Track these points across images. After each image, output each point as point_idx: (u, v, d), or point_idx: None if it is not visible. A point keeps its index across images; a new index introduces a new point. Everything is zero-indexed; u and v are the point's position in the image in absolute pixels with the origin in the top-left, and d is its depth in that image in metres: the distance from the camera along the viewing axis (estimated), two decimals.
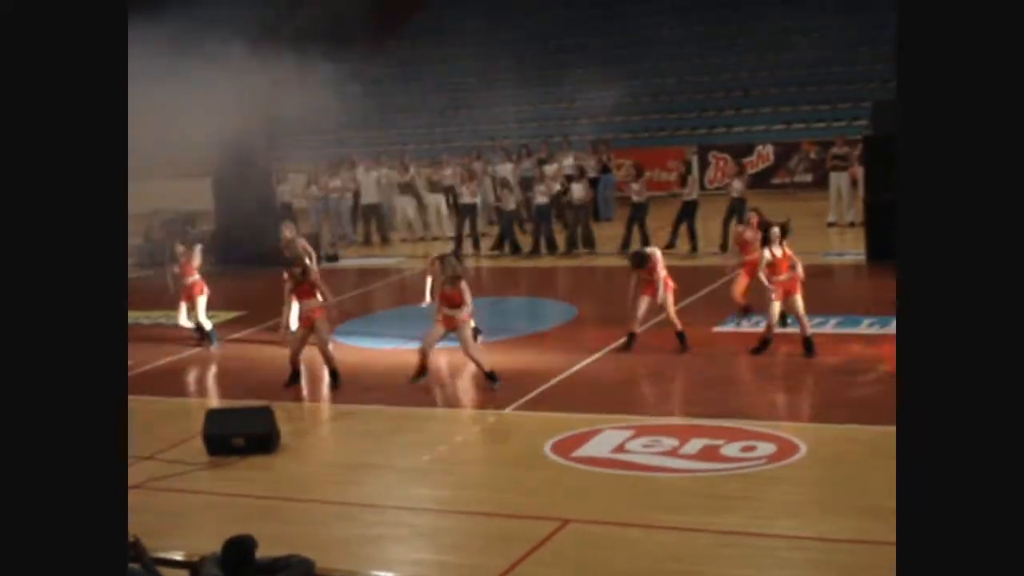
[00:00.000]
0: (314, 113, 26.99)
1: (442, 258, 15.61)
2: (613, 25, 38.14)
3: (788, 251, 15.28)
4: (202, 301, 17.95)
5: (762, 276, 15.31)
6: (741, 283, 17.13)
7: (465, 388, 15.22)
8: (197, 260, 18.11)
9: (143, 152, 19.84)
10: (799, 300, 15.14)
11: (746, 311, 17.15)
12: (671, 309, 15.78)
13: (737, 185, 23.67)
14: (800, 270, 15.24)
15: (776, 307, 15.23)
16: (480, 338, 16.81)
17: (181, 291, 18.09)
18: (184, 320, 18.28)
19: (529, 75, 35.18)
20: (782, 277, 15.12)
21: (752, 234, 16.86)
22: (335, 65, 28.01)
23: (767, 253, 15.19)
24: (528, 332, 18.04)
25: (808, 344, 15.18)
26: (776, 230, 15.37)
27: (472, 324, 15.50)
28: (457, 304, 14.60)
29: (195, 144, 20.51)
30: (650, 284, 15.70)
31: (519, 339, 17.57)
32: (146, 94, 17.78)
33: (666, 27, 36.55)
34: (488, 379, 14.65)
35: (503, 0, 39.07)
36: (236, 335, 18.94)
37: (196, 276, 17.97)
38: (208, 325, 18.21)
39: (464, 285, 14.72)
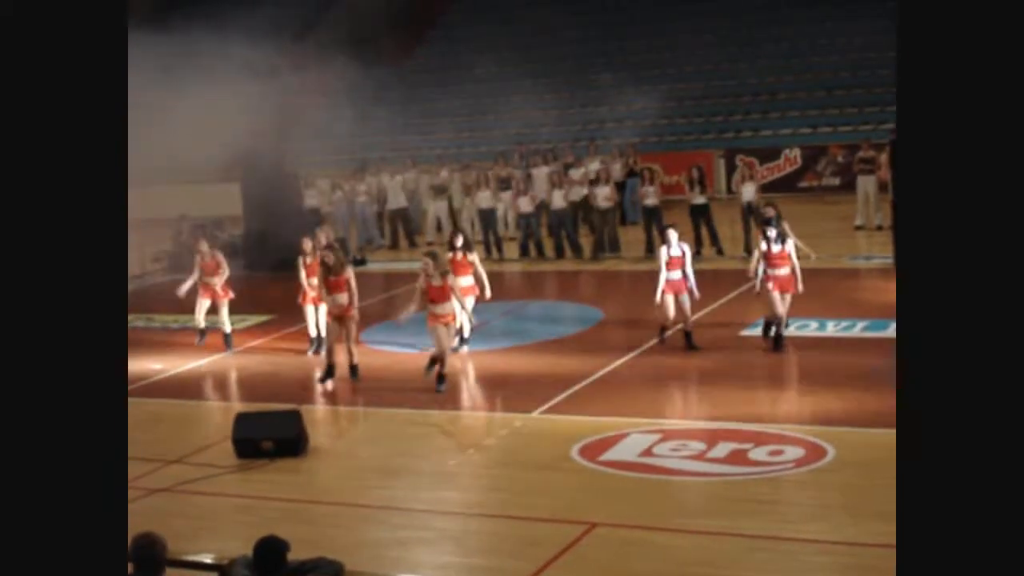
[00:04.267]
0: (341, 118, 27.14)
1: (433, 256, 15.50)
2: (639, 30, 38.12)
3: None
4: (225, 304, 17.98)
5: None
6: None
7: (492, 392, 15.21)
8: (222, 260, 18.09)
9: (169, 157, 20.03)
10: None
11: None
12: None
13: (748, 189, 23.56)
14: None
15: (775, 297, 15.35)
16: (464, 348, 16.83)
17: (204, 289, 17.97)
18: (202, 319, 18.17)
19: (556, 80, 35.21)
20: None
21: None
22: (362, 70, 28.12)
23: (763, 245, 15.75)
24: (554, 336, 18.03)
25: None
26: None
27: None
28: (446, 299, 14.67)
29: (223, 149, 20.61)
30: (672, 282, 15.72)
31: (545, 343, 17.57)
32: (173, 100, 17.96)
33: (692, 31, 36.49)
34: (437, 378, 14.84)
35: (531, 6, 39.06)
36: (265, 338, 19.01)
37: (220, 278, 17.92)
38: (228, 328, 18.21)
39: (452, 280, 14.80)
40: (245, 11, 19.19)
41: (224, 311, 17.98)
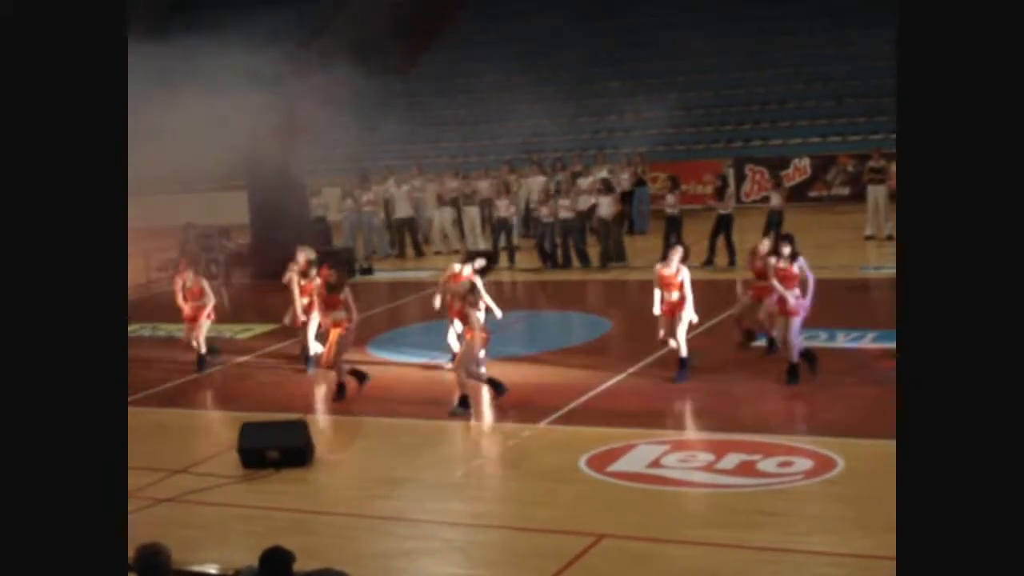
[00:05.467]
0: (347, 126, 27.13)
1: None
2: (648, 38, 38.07)
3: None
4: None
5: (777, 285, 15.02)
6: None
7: (499, 402, 15.10)
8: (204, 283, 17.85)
9: (178, 165, 19.99)
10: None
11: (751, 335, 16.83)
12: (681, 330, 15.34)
13: (775, 198, 23.53)
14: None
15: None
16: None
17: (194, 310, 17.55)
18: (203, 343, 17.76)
19: (564, 89, 35.18)
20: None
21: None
22: (368, 79, 28.07)
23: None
24: (561, 346, 17.98)
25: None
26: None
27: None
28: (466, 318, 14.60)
29: (229, 157, 20.59)
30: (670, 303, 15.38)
31: (552, 353, 17.51)
32: (181, 107, 17.94)
33: (701, 40, 36.45)
34: (461, 404, 14.44)
35: (540, 14, 39.08)
36: (270, 348, 18.96)
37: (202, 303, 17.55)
38: (204, 348, 17.75)
39: (474, 299, 14.68)
40: (248, 20, 19.17)
41: (204, 330, 17.66)
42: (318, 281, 16.12)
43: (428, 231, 28.66)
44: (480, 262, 16.53)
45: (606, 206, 24.43)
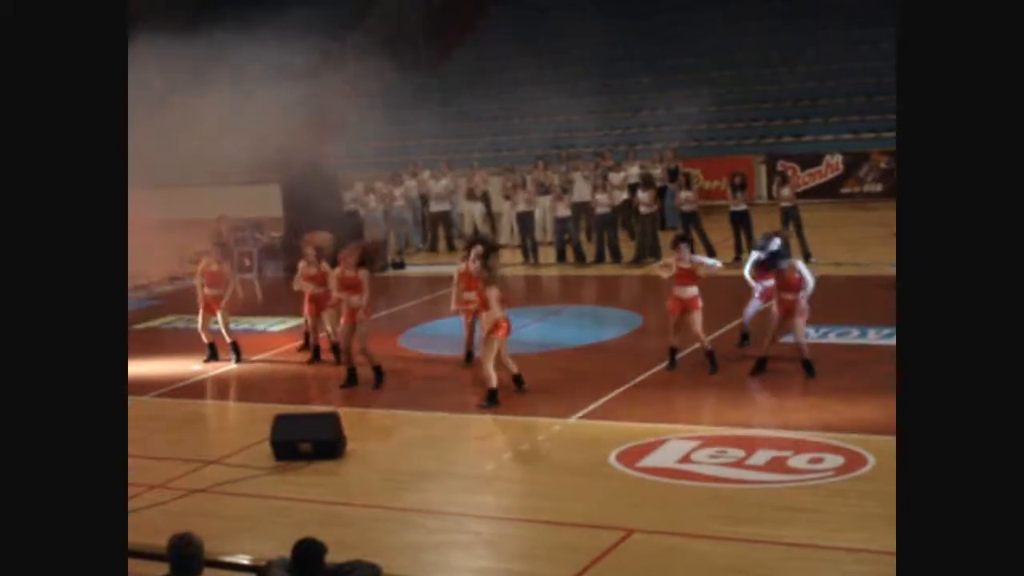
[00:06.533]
0: (380, 120, 27.15)
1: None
2: (679, 33, 37.99)
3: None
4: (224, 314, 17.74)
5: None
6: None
7: (529, 396, 15.13)
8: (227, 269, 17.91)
9: (211, 159, 20.09)
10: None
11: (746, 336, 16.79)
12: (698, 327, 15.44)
13: (785, 194, 23.35)
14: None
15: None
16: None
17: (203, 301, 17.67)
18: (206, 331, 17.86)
19: (596, 84, 35.13)
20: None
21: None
22: (401, 73, 28.13)
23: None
24: (593, 341, 17.97)
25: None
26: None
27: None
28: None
29: (263, 151, 20.70)
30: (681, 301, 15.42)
31: (584, 348, 17.52)
32: (214, 101, 18.03)
33: (734, 36, 36.34)
34: (488, 398, 14.55)
35: (571, 8, 39.03)
36: (303, 340, 19.01)
37: (223, 290, 17.66)
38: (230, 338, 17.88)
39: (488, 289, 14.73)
40: (281, 14, 19.26)
41: (224, 320, 17.73)
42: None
43: (461, 225, 28.67)
44: (478, 248, 16.57)
45: (645, 201, 24.37)
